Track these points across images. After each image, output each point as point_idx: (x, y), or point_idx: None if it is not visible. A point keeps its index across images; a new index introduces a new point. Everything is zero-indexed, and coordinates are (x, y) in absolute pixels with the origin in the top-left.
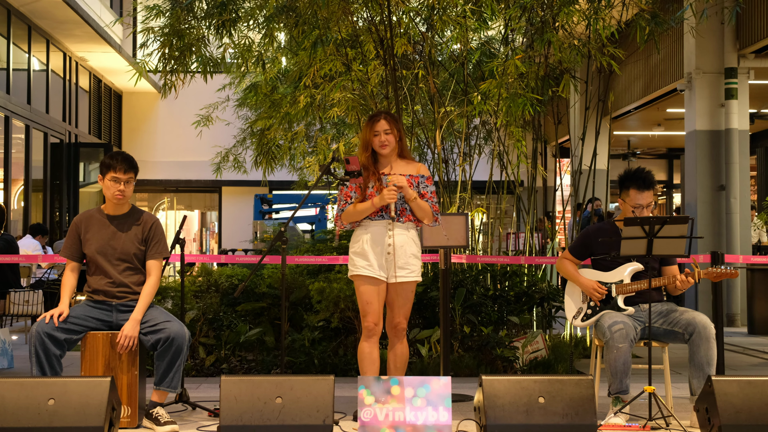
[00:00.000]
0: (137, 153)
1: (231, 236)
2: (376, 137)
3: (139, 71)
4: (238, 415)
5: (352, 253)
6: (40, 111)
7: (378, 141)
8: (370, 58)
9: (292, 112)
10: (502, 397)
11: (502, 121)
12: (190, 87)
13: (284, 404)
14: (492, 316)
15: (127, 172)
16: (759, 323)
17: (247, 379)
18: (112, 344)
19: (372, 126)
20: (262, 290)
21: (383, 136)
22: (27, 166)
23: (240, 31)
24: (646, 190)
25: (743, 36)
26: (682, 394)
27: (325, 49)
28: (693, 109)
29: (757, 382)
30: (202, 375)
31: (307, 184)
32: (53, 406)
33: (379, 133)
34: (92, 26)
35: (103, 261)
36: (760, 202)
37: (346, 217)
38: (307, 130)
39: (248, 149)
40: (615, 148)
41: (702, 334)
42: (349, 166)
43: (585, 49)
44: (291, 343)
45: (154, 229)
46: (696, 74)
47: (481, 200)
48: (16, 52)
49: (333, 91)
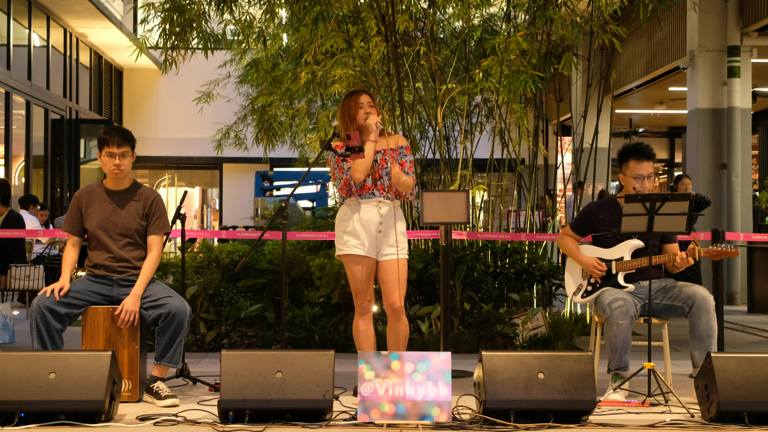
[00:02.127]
0: (138, 129)
1: (232, 213)
2: (361, 109)
3: (139, 47)
4: (239, 389)
5: (342, 232)
6: (41, 87)
7: (363, 113)
8: (372, 35)
9: (293, 88)
10: (502, 373)
11: (503, 98)
12: (190, 63)
13: (284, 379)
14: (492, 293)
15: (121, 146)
16: (759, 301)
17: (247, 353)
18: (113, 319)
19: (355, 100)
20: (262, 266)
21: (368, 108)
22: (28, 142)
23: (241, 7)
24: (646, 161)
25: (746, 14)
26: (682, 371)
27: (326, 26)
28: (695, 87)
29: (756, 359)
30: (202, 350)
31: (308, 161)
32: (54, 379)
33: (363, 105)
34: (92, 2)
35: (104, 236)
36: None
37: (356, 169)
38: (308, 107)
39: (249, 126)
40: (617, 127)
41: (702, 306)
42: (350, 141)
43: (587, 27)
44: (291, 319)
45: (156, 204)
46: (698, 52)
47: (482, 178)
48: (17, 28)
49: (334, 67)
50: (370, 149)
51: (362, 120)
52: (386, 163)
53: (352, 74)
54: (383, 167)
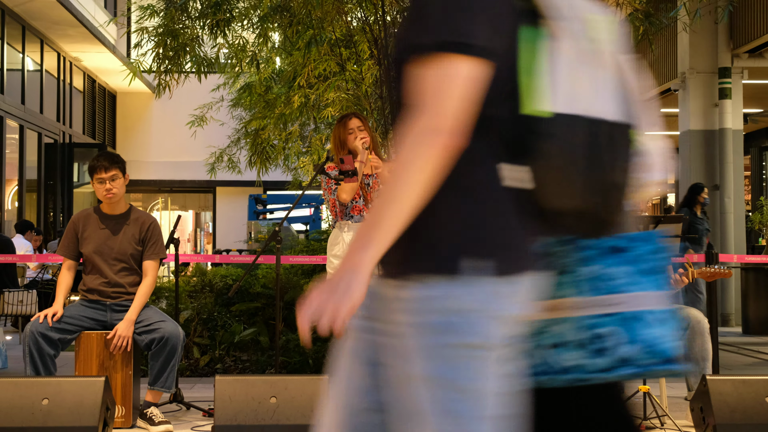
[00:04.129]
0: (131, 153)
1: (225, 236)
2: (351, 135)
3: (133, 71)
4: (233, 414)
5: (332, 256)
6: (34, 111)
7: (353, 138)
8: (365, 58)
9: (286, 112)
10: None
11: None
12: (184, 87)
13: (279, 404)
14: None
15: (109, 170)
16: (753, 323)
17: (241, 378)
18: (106, 344)
19: (345, 125)
20: (256, 290)
21: (357, 132)
22: (21, 166)
23: (234, 31)
24: None
25: (737, 36)
26: (677, 393)
27: (319, 49)
28: (687, 108)
29: (751, 381)
30: (196, 375)
31: (301, 185)
32: (47, 405)
33: (353, 130)
34: (86, 26)
35: (99, 260)
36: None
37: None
38: (301, 130)
39: (242, 149)
40: None
41: (696, 329)
42: (344, 165)
43: None
44: (285, 343)
45: (152, 229)
46: (690, 74)
47: None
48: (11, 52)
49: (327, 91)
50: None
51: (352, 144)
52: (379, 185)
53: (345, 97)
54: (376, 189)
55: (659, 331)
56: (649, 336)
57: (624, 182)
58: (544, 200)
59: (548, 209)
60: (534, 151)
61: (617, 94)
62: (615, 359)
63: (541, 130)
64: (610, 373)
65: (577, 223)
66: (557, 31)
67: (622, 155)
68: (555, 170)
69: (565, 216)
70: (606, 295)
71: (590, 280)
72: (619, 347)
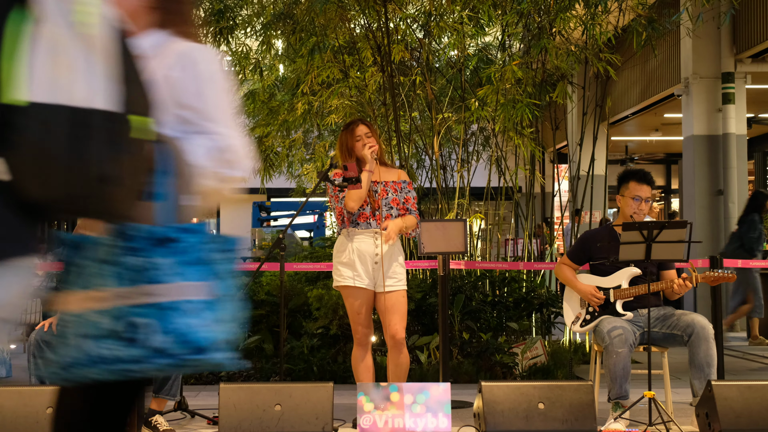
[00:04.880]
0: None
1: None
2: (358, 142)
3: None
4: (237, 422)
5: (338, 263)
6: None
7: (360, 145)
8: (368, 65)
9: (289, 119)
10: (502, 403)
11: (500, 126)
12: None
13: (283, 411)
14: (491, 322)
15: None
16: (758, 327)
17: (245, 386)
18: None
19: (352, 132)
20: (260, 297)
21: (365, 139)
22: None
23: (237, 39)
24: (646, 184)
25: (740, 40)
26: (683, 399)
27: (322, 56)
28: (690, 113)
29: (756, 386)
30: (200, 383)
31: (305, 192)
32: (52, 414)
33: (360, 137)
34: None
35: None
36: None
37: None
38: (305, 137)
39: None
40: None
41: (701, 335)
42: (347, 172)
43: (582, 55)
44: (290, 351)
45: None
46: (693, 79)
47: (479, 206)
48: None
49: (331, 97)
50: (365, 179)
51: (360, 151)
52: (387, 193)
53: (348, 104)
54: (384, 197)
55: (194, 321)
56: (183, 326)
57: (117, 173)
58: (22, 191)
59: (29, 200)
60: (8, 142)
61: (113, 82)
62: (148, 349)
63: (15, 121)
64: (145, 364)
65: (63, 213)
66: (41, 14)
67: (116, 145)
68: (30, 161)
69: (48, 207)
70: (146, 285)
71: (133, 271)
72: (152, 337)
